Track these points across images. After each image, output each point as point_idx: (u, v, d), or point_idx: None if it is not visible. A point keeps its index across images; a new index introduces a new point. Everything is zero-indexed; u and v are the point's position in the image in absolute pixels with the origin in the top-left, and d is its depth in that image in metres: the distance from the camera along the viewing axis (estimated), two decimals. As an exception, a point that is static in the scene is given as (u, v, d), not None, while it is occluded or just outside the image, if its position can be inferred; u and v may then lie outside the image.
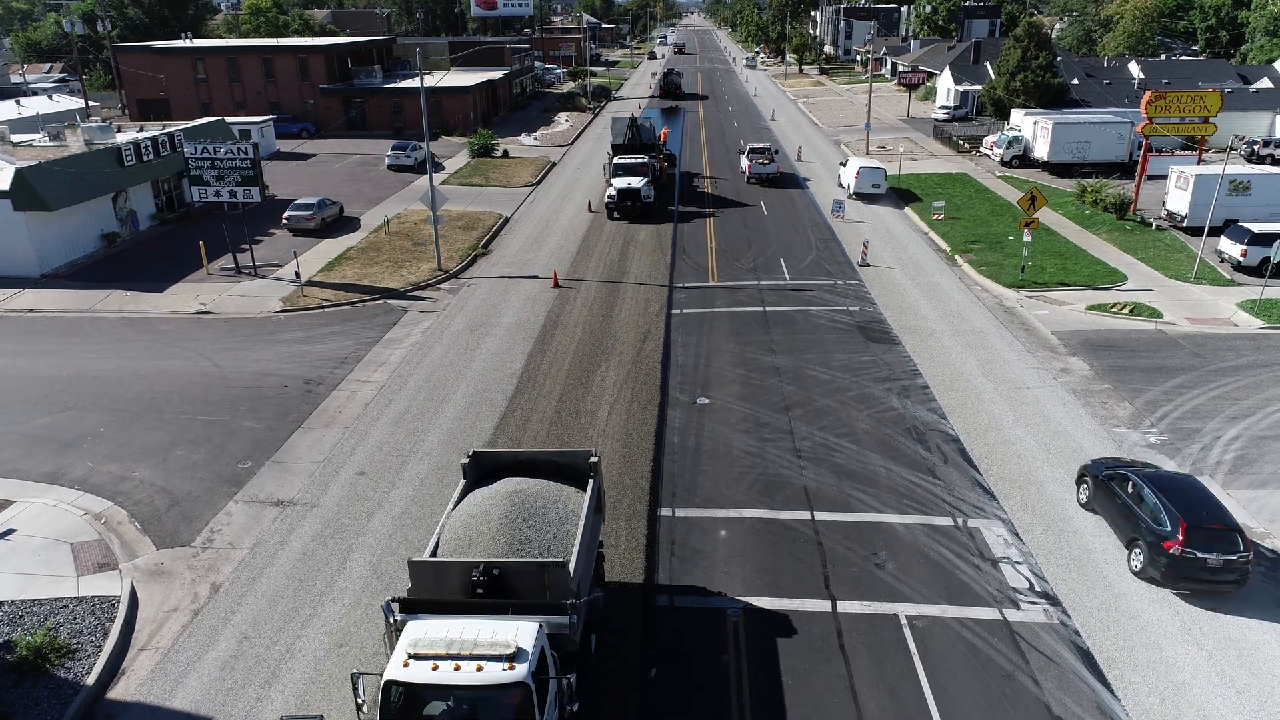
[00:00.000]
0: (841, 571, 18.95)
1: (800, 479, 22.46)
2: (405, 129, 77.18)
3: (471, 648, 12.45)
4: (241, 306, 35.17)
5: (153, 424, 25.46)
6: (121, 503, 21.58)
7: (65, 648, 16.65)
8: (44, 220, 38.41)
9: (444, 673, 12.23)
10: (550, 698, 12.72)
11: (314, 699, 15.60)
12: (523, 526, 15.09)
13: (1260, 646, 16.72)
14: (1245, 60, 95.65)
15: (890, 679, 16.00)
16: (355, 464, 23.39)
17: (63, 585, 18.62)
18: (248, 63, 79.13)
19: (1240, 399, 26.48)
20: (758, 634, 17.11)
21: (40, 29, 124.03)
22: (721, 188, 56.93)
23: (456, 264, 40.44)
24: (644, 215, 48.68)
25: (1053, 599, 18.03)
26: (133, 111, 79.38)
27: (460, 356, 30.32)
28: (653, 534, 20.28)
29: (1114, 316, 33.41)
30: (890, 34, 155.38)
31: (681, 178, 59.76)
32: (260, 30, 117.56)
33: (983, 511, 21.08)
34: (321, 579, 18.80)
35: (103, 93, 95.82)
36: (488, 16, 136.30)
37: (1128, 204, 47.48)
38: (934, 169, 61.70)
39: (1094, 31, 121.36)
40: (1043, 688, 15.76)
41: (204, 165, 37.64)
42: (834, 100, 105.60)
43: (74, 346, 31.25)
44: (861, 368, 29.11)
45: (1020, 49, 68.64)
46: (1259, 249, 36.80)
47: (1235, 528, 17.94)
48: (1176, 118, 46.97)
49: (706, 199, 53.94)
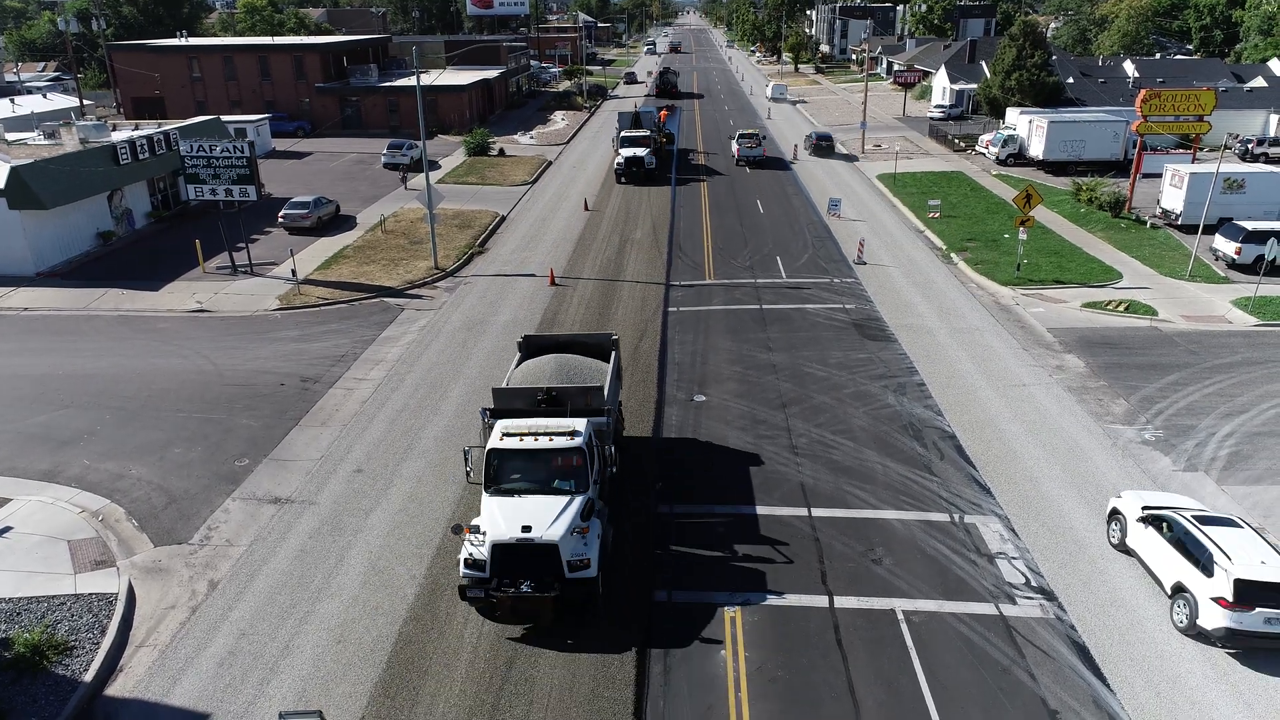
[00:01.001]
0: (839, 567, 19.00)
1: (797, 475, 22.51)
2: (401, 128, 77.09)
3: (545, 428, 18.41)
4: (237, 305, 35.14)
5: (149, 422, 25.43)
6: (118, 500, 21.56)
7: (63, 645, 16.64)
8: (39, 218, 38.32)
9: (527, 443, 18.01)
10: (595, 465, 18.40)
11: (312, 695, 15.62)
12: (567, 375, 20.93)
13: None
14: (1239, 59, 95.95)
15: (887, 673, 16.06)
16: (352, 461, 23.40)
17: (60, 583, 18.61)
18: (243, 61, 78.98)
19: (1235, 395, 26.59)
20: (754, 629, 17.15)
21: (35, 27, 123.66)
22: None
23: (453, 262, 40.43)
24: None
25: (1049, 594, 18.10)
26: (127, 110, 79.19)
27: (457, 354, 30.33)
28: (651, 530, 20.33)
29: (1109, 314, 33.53)
30: (886, 33, 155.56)
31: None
32: (255, 29, 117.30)
33: (979, 508, 21.16)
34: (319, 576, 18.81)
35: (97, 91, 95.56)
36: (483, 15, 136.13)
37: (1123, 202, 47.64)
38: (930, 167, 61.80)
39: (1089, 31, 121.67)
40: (1039, 682, 15.83)
41: (200, 163, 37.56)
42: (830, 99, 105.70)
43: (70, 345, 31.20)
44: (858, 365, 29.18)
45: (1016, 48, 68.74)
46: (1253, 247, 36.97)
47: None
48: (1171, 116, 47.16)
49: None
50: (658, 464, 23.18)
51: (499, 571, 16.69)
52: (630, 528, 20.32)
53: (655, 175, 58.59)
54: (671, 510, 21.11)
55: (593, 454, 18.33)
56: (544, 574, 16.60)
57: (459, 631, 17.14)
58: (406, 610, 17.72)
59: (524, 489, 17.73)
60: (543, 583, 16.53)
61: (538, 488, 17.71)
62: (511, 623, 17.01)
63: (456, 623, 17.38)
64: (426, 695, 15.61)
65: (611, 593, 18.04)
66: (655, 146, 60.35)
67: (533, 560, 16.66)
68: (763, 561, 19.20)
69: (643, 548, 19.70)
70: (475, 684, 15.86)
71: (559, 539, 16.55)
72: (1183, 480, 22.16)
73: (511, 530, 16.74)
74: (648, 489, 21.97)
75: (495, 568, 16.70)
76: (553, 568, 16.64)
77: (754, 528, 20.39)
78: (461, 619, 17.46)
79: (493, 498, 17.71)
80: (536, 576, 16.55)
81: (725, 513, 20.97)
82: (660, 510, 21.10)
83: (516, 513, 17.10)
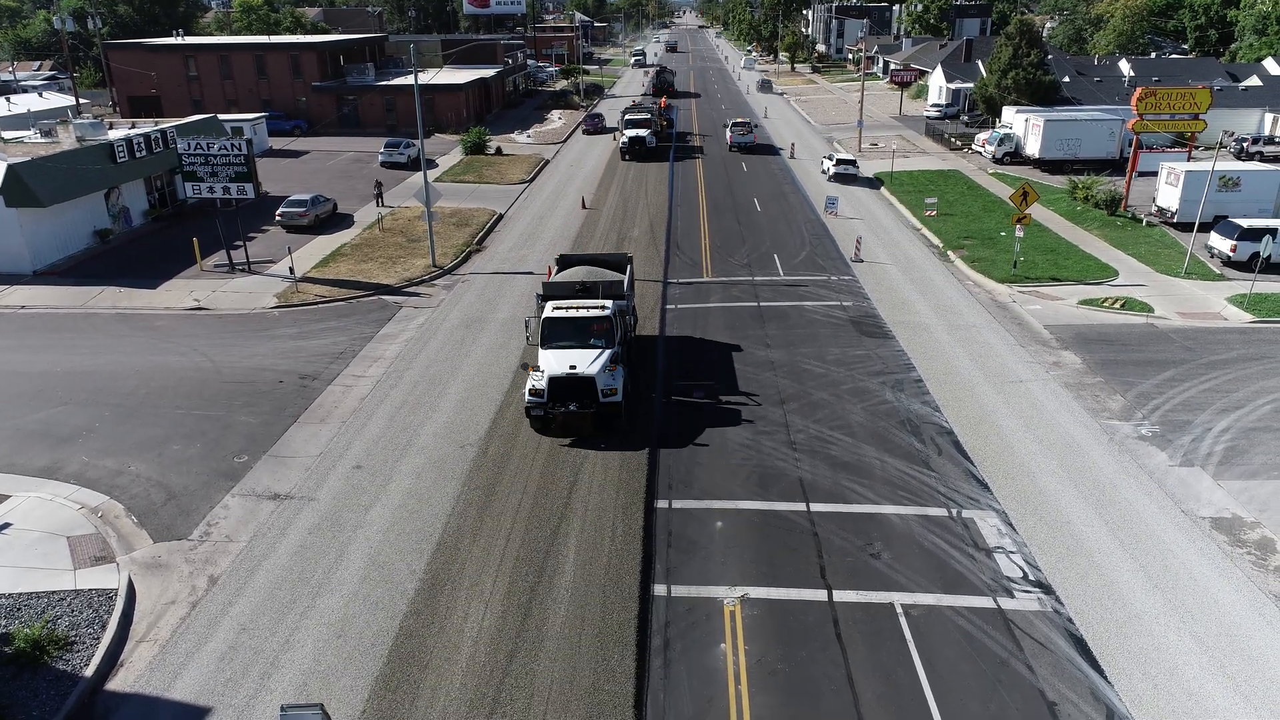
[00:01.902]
0: (837, 561, 19.07)
1: (796, 471, 22.58)
2: (398, 126, 77.08)
3: (582, 304, 25.83)
4: (235, 302, 35.13)
5: (148, 419, 25.44)
6: (118, 497, 21.57)
7: (63, 640, 16.66)
8: (36, 216, 38.29)
9: (572, 312, 25.42)
10: (619, 331, 25.87)
11: (314, 689, 15.65)
12: (593, 275, 28.02)
13: (1252, 633, 16.90)
14: (1234, 59, 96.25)
15: (886, 666, 16.13)
16: (352, 458, 23.42)
17: (60, 578, 18.62)
18: (240, 60, 78.92)
19: (1230, 391, 26.71)
20: (754, 622, 17.21)
21: (30, 26, 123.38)
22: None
23: (451, 260, 40.45)
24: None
25: (1046, 588, 18.19)
26: (124, 109, 79.07)
27: (455, 351, 30.36)
28: (649, 526, 20.39)
29: (1106, 311, 33.65)
30: (882, 32, 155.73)
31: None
32: (252, 28, 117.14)
33: (977, 502, 21.24)
34: (319, 571, 18.84)
35: (93, 90, 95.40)
36: (480, 14, 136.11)
37: (1119, 200, 47.79)
38: (926, 166, 61.93)
39: (1084, 30, 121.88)
40: (1037, 674, 15.91)
41: (197, 161, 37.56)
42: (826, 98, 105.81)
43: (68, 342, 31.18)
44: (856, 362, 29.26)
45: (1012, 46, 68.90)
46: (1248, 244, 37.12)
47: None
48: (1167, 114, 47.32)
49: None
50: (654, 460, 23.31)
51: (553, 396, 23.91)
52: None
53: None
54: (670, 505, 21.13)
55: (616, 324, 25.32)
56: (585, 398, 23.92)
57: (459, 625, 17.19)
58: (407, 605, 17.76)
59: (569, 344, 24.88)
60: (584, 404, 23.92)
61: (578, 344, 24.87)
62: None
63: (457, 616, 17.42)
64: (427, 689, 15.65)
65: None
66: (655, 128, 68.36)
67: (577, 387, 23.88)
68: (762, 556, 19.26)
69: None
70: (476, 677, 15.90)
71: (595, 374, 23.77)
72: (1179, 475, 22.27)
73: (561, 368, 23.94)
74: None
75: (550, 395, 23.88)
76: (591, 393, 23.86)
77: (752, 522, 20.45)
78: (461, 613, 17.51)
79: (547, 350, 24.80)
80: (580, 399, 23.90)
81: (724, 507, 21.03)
82: (657, 504, 21.14)
83: (564, 358, 24.26)
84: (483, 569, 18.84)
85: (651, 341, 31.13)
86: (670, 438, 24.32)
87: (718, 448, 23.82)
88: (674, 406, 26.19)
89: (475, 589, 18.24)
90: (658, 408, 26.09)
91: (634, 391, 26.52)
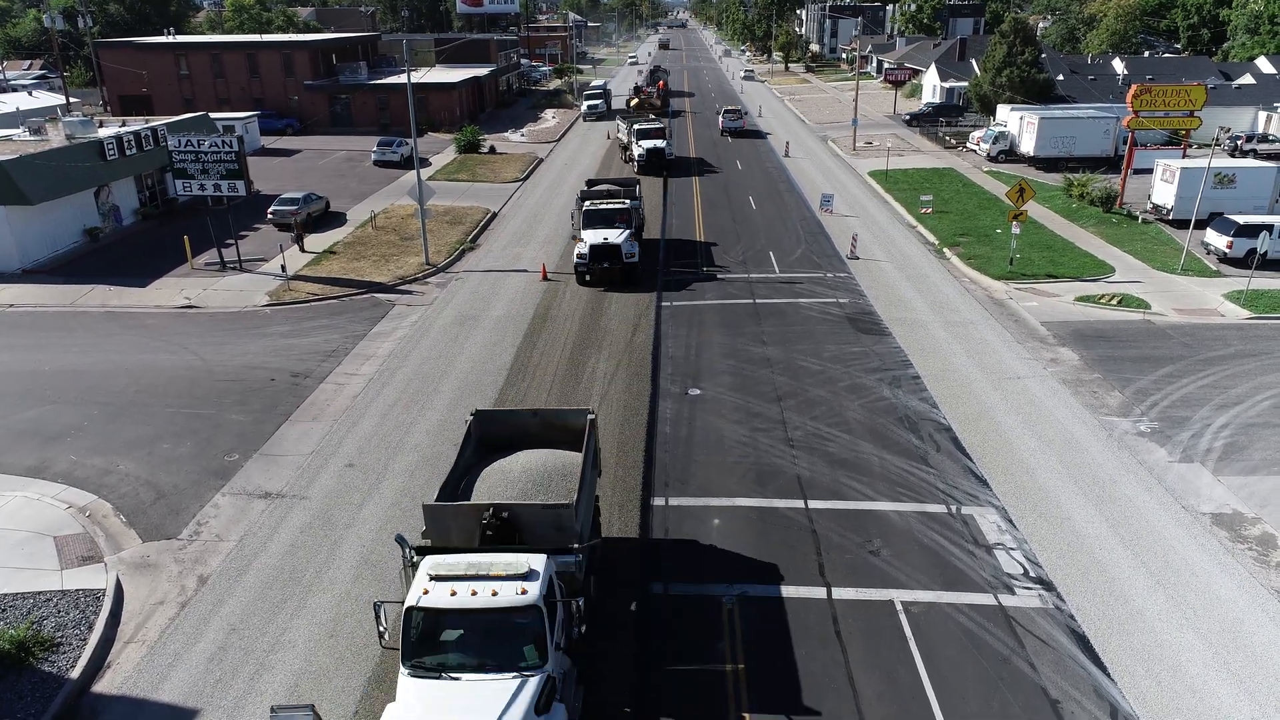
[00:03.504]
0: (836, 559, 18.86)
1: (793, 468, 22.36)
2: (391, 125, 76.65)
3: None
4: (227, 301, 34.79)
5: (138, 418, 25.11)
6: (106, 496, 21.25)
7: (49, 641, 16.35)
8: (25, 214, 37.87)
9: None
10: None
11: (305, 689, 15.38)
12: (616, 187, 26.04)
13: (1255, 630, 16.73)
14: (1226, 58, 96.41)
15: (887, 664, 15.92)
16: (344, 456, 23.14)
17: (46, 579, 18.30)
18: (231, 58, 78.45)
19: (1229, 387, 26.58)
20: (752, 621, 16.98)
21: (20, 25, 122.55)
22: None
23: (444, 258, 40.16)
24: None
25: (1047, 584, 18.00)
26: (115, 107, 78.51)
27: (449, 349, 30.08)
28: (645, 523, 20.15)
29: (1102, 308, 33.52)
30: (876, 32, 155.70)
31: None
32: (244, 28, 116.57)
33: (976, 499, 21.05)
34: (311, 570, 18.55)
35: (84, 89, 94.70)
36: (473, 14, 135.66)
37: (1114, 197, 47.70)
38: (921, 164, 61.83)
39: (1078, 30, 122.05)
40: (1039, 672, 15.71)
41: (188, 158, 37.18)
42: (820, 97, 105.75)
43: (56, 341, 30.81)
44: (852, 359, 29.06)
45: (1006, 45, 68.87)
46: (1244, 241, 37.06)
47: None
48: (1162, 111, 47.22)
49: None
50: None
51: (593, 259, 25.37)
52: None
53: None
54: (666, 502, 20.94)
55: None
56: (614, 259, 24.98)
57: (453, 625, 16.89)
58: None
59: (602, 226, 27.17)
60: (613, 262, 25.19)
61: (607, 226, 27.81)
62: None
63: (451, 616, 17.12)
64: (421, 689, 15.35)
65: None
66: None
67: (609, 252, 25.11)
68: (760, 553, 19.03)
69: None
70: (470, 677, 15.59)
71: (620, 243, 26.09)
72: (1179, 471, 22.12)
73: (598, 239, 26.23)
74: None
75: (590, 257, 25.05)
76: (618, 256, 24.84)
77: (751, 520, 20.23)
78: (456, 612, 17.21)
79: (586, 229, 26.39)
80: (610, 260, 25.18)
81: (721, 504, 20.79)
82: (654, 502, 20.94)
83: (599, 234, 27.15)
84: (477, 567, 18.53)
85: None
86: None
87: (714, 445, 23.59)
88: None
89: (469, 588, 17.94)
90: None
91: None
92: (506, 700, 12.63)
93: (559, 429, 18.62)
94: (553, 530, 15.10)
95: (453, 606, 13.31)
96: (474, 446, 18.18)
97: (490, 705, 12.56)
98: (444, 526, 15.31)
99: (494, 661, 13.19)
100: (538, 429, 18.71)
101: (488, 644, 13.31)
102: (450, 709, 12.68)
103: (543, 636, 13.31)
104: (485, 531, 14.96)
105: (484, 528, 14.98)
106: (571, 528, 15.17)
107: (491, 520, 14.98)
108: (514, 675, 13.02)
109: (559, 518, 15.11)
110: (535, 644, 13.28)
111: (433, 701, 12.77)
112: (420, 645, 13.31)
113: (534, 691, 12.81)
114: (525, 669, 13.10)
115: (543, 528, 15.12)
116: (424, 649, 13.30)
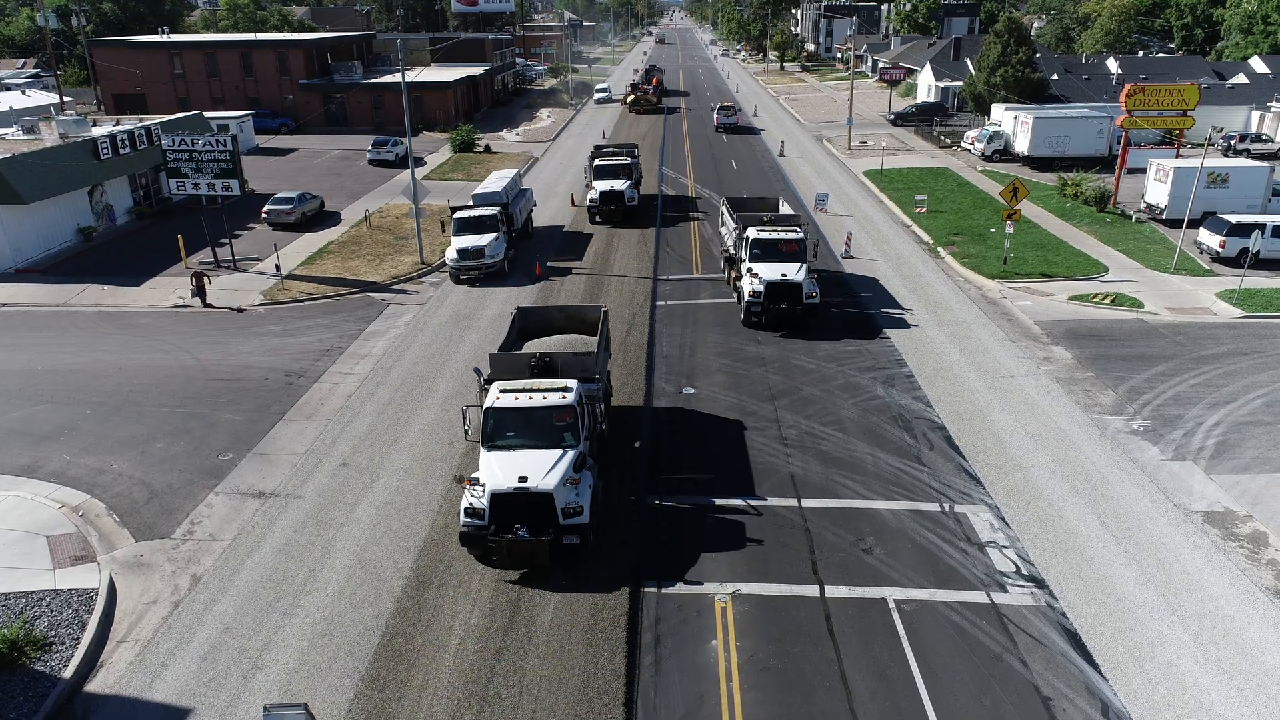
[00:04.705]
0: (829, 557, 18.90)
1: (787, 466, 22.40)
2: (386, 124, 76.61)
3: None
4: (221, 300, 34.71)
5: (131, 417, 25.07)
6: (99, 495, 21.22)
7: (41, 641, 16.33)
8: (18, 213, 37.80)
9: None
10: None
11: (298, 688, 15.37)
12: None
13: (1245, 627, 16.80)
14: (1220, 57, 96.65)
15: (880, 662, 15.96)
16: (338, 455, 23.12)
17: (39, 578, 18.27)
18: (226, 58, 78.27)
19: (1221, 386, 26.68)
20: (745, 618, 17.02)
21: (13, 24, 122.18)
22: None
23: (439, 258, 40.10)
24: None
25: (1039, 582, 18.06)
26: (108, 106, 78.35)
27: (443, 348, 30.06)
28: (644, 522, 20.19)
29: (1096, 307, 33.61)
30: (871, 31, 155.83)
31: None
32: (238, 26, 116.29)
33: (969, 497, 21.10)
34: (304, 569, 18.55)
35: (77, 88, 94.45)
36: (468, 13, 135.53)
37: (1108, 197, 47.81)
38: (916, 164, 61.91)
39: (1072, 29, 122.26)
40: (1031, 669, 15.77)
41: (182, 158, 37.13)
42: (815, 97, 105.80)
43: (50, 340, 30.74)
44: (846, 357, 29.10)
45: (1001, 44, 68.94)
46: (1237, 240, 37.15)
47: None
48: (1155, 111, 47.34)
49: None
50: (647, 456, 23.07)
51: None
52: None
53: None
54: (660, 501, 20.96)
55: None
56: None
57: (446, 624, 16.93)
58: (393, 603, 17.49)
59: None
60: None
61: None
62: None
63: (444, 614, 17.17)
64: (414, 687, 15.40)
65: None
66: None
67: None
68: (753, 552, 19.07)
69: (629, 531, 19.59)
70: (463, 675, 15.65)
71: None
72: (1171, 469, 22.20)
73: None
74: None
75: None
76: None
77: (744, 518, 20.25)
78: (449, 611, 17.25)
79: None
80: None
81: (715, 503, 20.82)
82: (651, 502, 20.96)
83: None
84: (470, 566, 18.57)
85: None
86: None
87: (711, 443, 23.59)
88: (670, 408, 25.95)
89: (463, 586, 17.99)
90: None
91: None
92: (554, 460, 18.44)
93: (579, 320, 24.71)
94: (579, 371, 20.78)
95: (517, 405, 19.19)
96: (516, 332, 23.89)
97: (544, 462, 18.37)
98: (504, 367, 21.09)
99: (544, 442, 18.88)
100: (563, 322, 24.82)
101: (540, 431, 18.98)
102: (518, 464, 18.28)
103: (576, 427, 19.16)
104: (534, 371, 20.73)
105: (532, 369, 20.77)
106: (592, 368, 20.91)
107: (538, 363, 20.84)
108: (558, 449, 18.68)
109: (583, 362, 21.00)
110: (571, 431, 19.08)
111: (507, 461, 18.47)
112: (495, 432, 19.13)
113: (572, 458, 18.62)
114: (565, 446, 18.85)
115: (572, 369, 20.82)
116: (498, 435, 19.10)
